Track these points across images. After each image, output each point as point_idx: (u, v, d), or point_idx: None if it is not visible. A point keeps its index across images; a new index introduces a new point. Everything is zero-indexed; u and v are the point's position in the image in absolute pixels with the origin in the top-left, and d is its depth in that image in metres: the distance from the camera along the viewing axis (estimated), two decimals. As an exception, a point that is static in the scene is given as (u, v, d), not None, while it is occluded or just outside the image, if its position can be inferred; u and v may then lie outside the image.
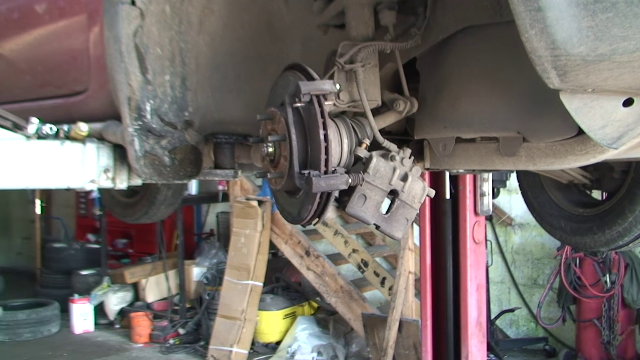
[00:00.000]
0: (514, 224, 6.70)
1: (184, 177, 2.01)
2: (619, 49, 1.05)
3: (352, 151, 1.65)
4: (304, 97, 1.46)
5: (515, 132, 1.57)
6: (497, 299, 6.80)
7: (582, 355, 5.79)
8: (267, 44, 2.10)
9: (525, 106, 1.52)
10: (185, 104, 1.98)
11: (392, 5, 1.66)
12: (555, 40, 1.04)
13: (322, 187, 1.47)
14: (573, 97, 1.20)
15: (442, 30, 1.68)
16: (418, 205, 1.63)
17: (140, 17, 1.80)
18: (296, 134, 1.51)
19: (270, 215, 6.32)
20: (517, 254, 6.76)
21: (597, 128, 1.24)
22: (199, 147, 2.04)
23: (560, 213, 2.63)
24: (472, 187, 3.44)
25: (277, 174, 1.60)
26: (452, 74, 1.73)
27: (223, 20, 2.00)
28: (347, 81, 1.65)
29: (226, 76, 2.08)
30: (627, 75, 1.12)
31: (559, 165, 1.52)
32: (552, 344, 6.38)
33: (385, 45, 1.67)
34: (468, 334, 3.49)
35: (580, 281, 5.64)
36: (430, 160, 1.94)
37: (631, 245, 2.37)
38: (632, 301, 5.49)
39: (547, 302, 6.19)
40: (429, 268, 3.61)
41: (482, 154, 1.72)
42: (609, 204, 2.41)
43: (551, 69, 1.10)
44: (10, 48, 2.54)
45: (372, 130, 1.66)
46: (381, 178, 1.57)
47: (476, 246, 3.53)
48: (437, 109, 1.76)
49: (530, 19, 1.03)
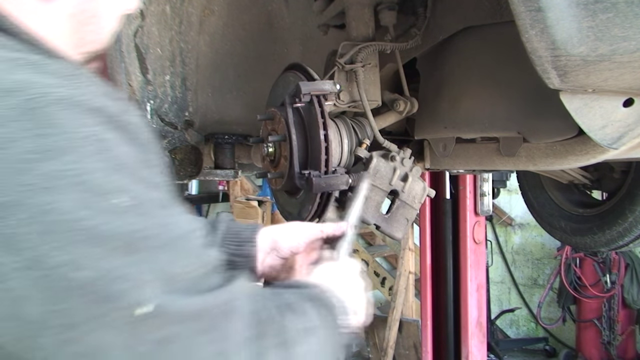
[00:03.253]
0: (514, 224, 6.71)
1: (183, 177, 2.01)
2: (619, 49, 1.05)
3: (352, 151, 1.65)
4: (304, 97, 1.46)
5: (515, 132, 1.57)
6: (497, 299, 6.81)
7: (582, 355, 5.79)
8: (267, 44, 2.10)
9: (525, 106, 1.52)
10: (185, 104, 1.98)
11: (392, 6, 1.66)
12: (555, 40, 1.04)
13: (322, 187, 1.47)
14: (573, 97, 1.20)
15: (442, 31, 1.68)
16: (418, 205, 1.63)
17: (140, 17, 1.80)
18: (296, 134, 1.51)
19: (270, 215, 6.32)
20: (517, 254, 6.76)
21: (597, 128, 1.24)
22: (199, 147, 2.04)
23: (560, 213, 2.63)
24: (472, 187, 3.44)
25: (277, 174, 1.60)
26: (452, 74, 1.73)
27: (223, 20, 2.00)
28: (347, 81, 1.65)
29: (226, 76, 2.08)
30: (627, 75, 1.12)
31: (559, 165, 1.52)
32: (552, 343, 6.38)
33: (385, 45, 1.67)
34: (468, 334, 3.49)
35: (580, 281, 5.64)
36: (430, 160, 1.94)
37: (631, 245, 2.37)
38: (632, 301, 5.49)
39: (547, 302, 6.19)
40: (429, 268, 3.61)
41: (482, 154, 1.72)
42: (609, 204, 2.41)
43: (551, 69, 1.10)
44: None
45: (372, 130, 1.66)
46: (381, 178, 1.57)
47: (476, 246, 3.53)
48: (437, 109, 1.76)
49: (530, 19, 1.03)
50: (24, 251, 0.61)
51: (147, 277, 0.66)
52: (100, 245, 0.63)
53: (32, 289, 0.61)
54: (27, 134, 0.62)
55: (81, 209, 0.62)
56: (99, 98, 0.69)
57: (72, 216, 0.62)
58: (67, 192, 0.62)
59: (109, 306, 0.63)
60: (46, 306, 0.62)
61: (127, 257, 0.64)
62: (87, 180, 0.63)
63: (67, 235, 0.62)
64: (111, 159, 0.66)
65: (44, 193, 0.61)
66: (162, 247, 0.68)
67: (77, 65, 0.76)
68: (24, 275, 0.61)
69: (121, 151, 0.68)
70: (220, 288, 0.74)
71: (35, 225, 0.61)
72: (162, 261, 0.68)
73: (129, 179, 0.67)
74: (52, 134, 0.63)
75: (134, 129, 0.71)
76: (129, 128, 0.71)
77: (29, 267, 0.61)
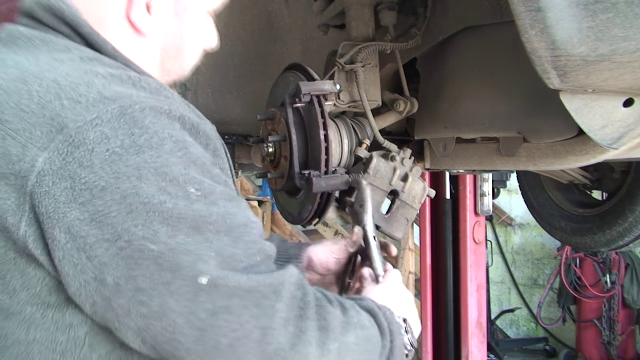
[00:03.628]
0: (514, 224, 6.71)
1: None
2: (619, 49, 1.05)
3: (352, 151, 1.65)
4: (304, 97, 1.46)
5: (515, 132, 1.57)
6: (497, 299, 6.81)
7: (582, 355, 5.79)
8: (267, 44, 2.10)
9: (525, 106, 1.52)
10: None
11: (392, 6, 1.66)
12: (555, 41, 1.04)
13: (322, 187, 1.47)
14: (573, 97, 1.20)
15: (442, 31, 1.68)
16: (418, 205, 1.63)
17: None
18: (296, 134, 1.51)
19: (270, 215, 6.32)
20: (517, 254, 6.76)
21: (597, 128, 1.24)
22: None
23: (560, 213, 2.62)
24: (472, 187, 3.44)
25: (277, 174, 1.60)
26: (452, 74, 1.73)
27: (223, 20, 2.00)
28: (347, 81, 1.65)
29: (226, 76, 2.08)
30: (627, 75, 1.12)
31: (559, 165, 1.52)
32: (552, 343, 6.38)
33: (385, 45, 1.67)
34: (468, 334, 3.49)
35: (580, 281, 5.64)
36: (430, 160, 1.94)
37: (631, 245, 2.37)
38: (632, 301, 5.49)
39: (547, 302, 6.19)
40: (429, 268, 3.60)
41: (482, 154, 1.72)
42: (609, 204, 2.41)
43: (551, 69, 1.10)
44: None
45: (372, 130, 1.66)
46: (381, 178, 1.57)
47: (476, 246, 3.53)
48: (437, 109, 1.76)
49: (530, 19, 1.03)
50: (110, 226, 0.75)
51: (208, 254, 0.78)
52: (172, 225, 0.77)
53: (114, 257, 0.75)
54: (119, 133, 0.77)
55: (159, 195, 0.77)
56: (180, 109, 0.84)
57: (151, 199, 0.76)
58: (149, 180, 0.76)
59: (173, 274, 0.76)
60: (124, 271, 0.76)
61: (192, 236, 0.78)
62: (166, 171, 0.78)
63: (146, 215, 0.76)
64: (186, 156, 0.81)
65: (131, 180, 0.76)
66: (224, 232, 0.81)
67: (163, 84, 0.91)
68: (109, 245, 0.75)
69: (195, 151, 0.83)
70: (272, 272, 0.85)
71: (123, 205, 0.75)
72: (222, 243, 0.80)
73: (200, 174, 0.82)
74: (139, 133, 0.78)
75: (206, 136, 0.87)
76: (202, 135, 0.86)
77: (114, 240, 0.75)
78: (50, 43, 0.87)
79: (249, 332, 0.80)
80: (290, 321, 0.82)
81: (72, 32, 0.89)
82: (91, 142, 0.76)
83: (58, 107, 0.78)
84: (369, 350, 0.92)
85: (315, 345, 0.84)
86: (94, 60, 0.86)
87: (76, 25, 0.89)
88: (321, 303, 0.88)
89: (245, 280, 0.80)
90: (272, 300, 0.82)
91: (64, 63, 0.84)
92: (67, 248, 0.76)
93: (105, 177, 0.75)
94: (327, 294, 0.93)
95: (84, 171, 0.75)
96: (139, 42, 0.94)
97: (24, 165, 0.76)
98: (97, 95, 0.79)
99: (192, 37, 1.00)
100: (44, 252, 0.77)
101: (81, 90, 0.79)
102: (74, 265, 0.76)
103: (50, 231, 0.76)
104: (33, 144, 0.76)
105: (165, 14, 0.94)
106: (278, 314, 0.82)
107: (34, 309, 0.81)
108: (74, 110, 0.78)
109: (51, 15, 0.89)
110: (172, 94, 0.89)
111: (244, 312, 0.79)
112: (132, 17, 0.92)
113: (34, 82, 0.80)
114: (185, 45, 0.99)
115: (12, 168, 0.76)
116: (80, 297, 0.79)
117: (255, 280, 0.81)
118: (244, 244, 0.83)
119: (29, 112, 0.78)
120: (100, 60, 0.87)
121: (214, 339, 0.79)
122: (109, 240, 0.75)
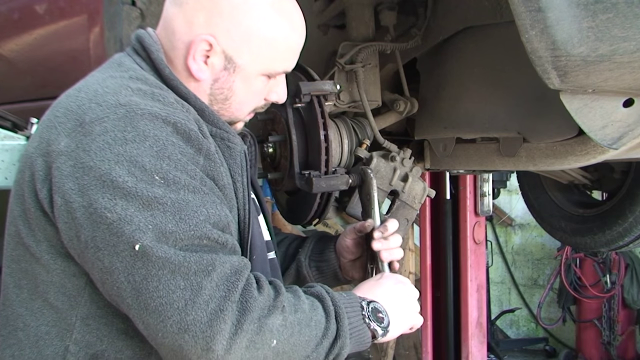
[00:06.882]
0: (514, 224, 6.70)
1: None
2: (619, 49, 1.05)
3: (352, 151, 1.65)
4: (304, 97, 1.46)
5: (515, 132, 1.57)
6: (497, 299, 6.80)
7: (582, 355, 5.79)
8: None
9: (525, 106, 1.52)
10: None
11: (392, 6, 1.67)
12: (555, 41, 1.04)
13: (322, 187, 1.47)
14: (573, 97, 1.20)
15: (442, 31, 1.68)
16: (418, 205, 1.63)
17: (140, 17, 1.80)
18: (296, 134, 1.51)
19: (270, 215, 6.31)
20: (517, 254, 6.75)
21: (597, 128, 1.24)
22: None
23: (561, 213, 2.62)
24: (472, 187, 3.44)
25: (277, 174, 1.61)
26: (452, 74, 1.73)
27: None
28: (347, 81, 1.65)
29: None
30: (627, 75, 1.13)
31: (559, 165, 1.52)
32: (552, 344, 6.38)
33: (385, 46, 1.67)
34: (468, 334, 3.49)
35: (580, 281, 5.63)
36: (430, 160, 1.94)
37: (631, 245, 2.37)
38: (632, 301, 5.48)
39: (547, 302, 6.18)
40: (429, 268, 3.60)
41: (482, 154, 1.72)
42: (609, 204, 2.41)
43: (551, 69, 1.10)
44: (10, 48, 2.54)
45: (372, 131, 1.66)
46: (381, 178, 1.57)
47: (476, 246, 3.52)
48: (437, 109, 1.76)
49: (530, 19, 1.03)
50: (88, 196, 0.96)
51: (147, 226, 0.94)
52: (128, 200, 0.95)
53: (86, 220, 0.97)
54: (116, 129, 0.98)
55: (126, 176, 0.95)
56: (178, 117, 1.02)
57: (118, 179, 0.95)
58: (123, 165, 0.96)
59: (118, 239, 0.95)
60: (90, 232, 0.97)
61: (141, 211, 0.95)
62: (138, 160, 0.96)
63: (112, 191, 0.95)
64: (162, 151, 0.98)
65: (110, 163, 0.96)
66: (171, 213, 0.96)
67: (181, 100, 1.10)
68: (84, 211, 0.96)
69: (174, 150, 0.99)
70: (210, 254, 0.97)
71: (99, 181, 0.96)
72: (164, 220, 0.95)
73: (172, 167, 0.98)
74: (130, 131, 0.98)
75: (199, 143, 1.03)
76: (195, 140, 1.03)
77: (87, 206, 0.96)
78: (122, 65, 1.13)
79: (174, 300, 0.93)
80: (214, 299, 0.94)
81: (147, 56, 1.14)
82: (95, 134, 0.98)
83: (87, 108, 1.02)
84: (301, 332, 1.02)
85: (231, 323, 0.94)
86: (139, 80, 1.08)
87: (149, 52, 1.14)
88: (249, 289, 0.99)
89: (176, 255, 0.94)
90: (199, 277, 0.94)
91: (115, 79, 1.08)
92: (61, 210, 0.99)
93: (95, 159, 0.96)
94: (263, 281, 1.04)
95: (84, 154, 0.97)
96: (193, 83, 1.15)
97: (55, 147, 1.01)
98: (114, 102, 1.01)
99: (241, 91, 1.17)
100: (52, 212, 1.01)
101: (107, 97, 1.02)
102: (64, 223, 0.99)
103: (54, 196, 1.00)
104: (64, 133, 1.01)
105: (216, 68, 1.14)
106: (203, 290, 0.94)
107: (50, 257, 1.04)
108: (94, 111, 1.01)
109: (137, 42, 1.17)
110: (186, 108, 1.09)
111: (171, 282, 0.93)
112: (189, 63, 1.13)
113: (84, 90, 1.07)
114: (233, 96, 1.17)
115: (49, 148, 1.02)
116: (70, 250, 1.02)
117: (187, 257, 0.94)
118: (186, 226, 0.96)
119: (71, 111, 1.03)
120: (145, 80, 1.09)
121: (145, 301, 0.94)
122: (84, 207, 0.96)
